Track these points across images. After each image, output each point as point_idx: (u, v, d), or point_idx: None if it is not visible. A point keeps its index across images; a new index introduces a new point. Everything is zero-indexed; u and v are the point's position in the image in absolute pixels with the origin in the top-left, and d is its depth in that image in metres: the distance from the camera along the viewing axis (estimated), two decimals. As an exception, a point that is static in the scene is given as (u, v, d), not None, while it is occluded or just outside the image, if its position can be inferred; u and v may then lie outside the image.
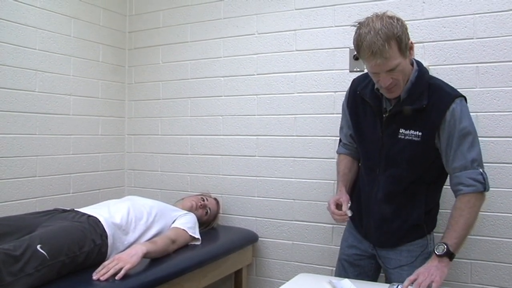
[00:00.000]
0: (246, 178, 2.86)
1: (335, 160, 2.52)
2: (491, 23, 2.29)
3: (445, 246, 1.78)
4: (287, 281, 2.05)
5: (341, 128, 2.25)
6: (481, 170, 1.82)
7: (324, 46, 2.67)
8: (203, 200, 2.76)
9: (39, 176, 2.74)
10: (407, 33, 1.77)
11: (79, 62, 3.00)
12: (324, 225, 2.65)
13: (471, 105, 2.00)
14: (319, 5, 2.68)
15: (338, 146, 2.28)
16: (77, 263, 1.96)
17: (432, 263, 1.80)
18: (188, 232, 2.39)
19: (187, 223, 2.43)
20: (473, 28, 2.33)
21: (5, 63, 2.53)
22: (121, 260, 1.95)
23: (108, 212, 2.25)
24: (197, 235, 2.45)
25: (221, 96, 2.98)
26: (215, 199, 2.88)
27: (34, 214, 2.28)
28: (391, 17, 1.75)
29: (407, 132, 1.86)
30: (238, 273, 2.82)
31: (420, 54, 2.41)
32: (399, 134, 1.88)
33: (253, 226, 2.87)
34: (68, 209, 2.34)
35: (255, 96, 2.87)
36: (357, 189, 2.13)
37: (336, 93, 2.62)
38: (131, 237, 2.26)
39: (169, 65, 3.20)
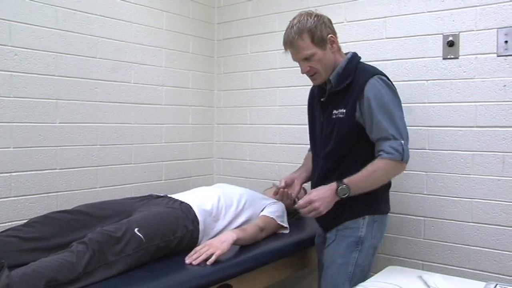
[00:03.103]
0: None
1: (423, 150, 2.55)
2: None
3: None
4: (375, 273, 2.03)
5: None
6: (402, 141, 1.95)
7: (416, 33, 2.57)
8: (291, 189, 2.76)
9: (134, 163, 2.87)
10: (326, 28, 2.01)
11: (170, 53, 3.10)
12: (414, 217, 2.57)
13: None
14: (411, -10, 2.58)
15: None
16: (170, 247, 2.04)
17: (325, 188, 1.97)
18: (277, 220, 2.41)
19: (275, 212, 2.44)
20: None
21: (106, 57, 2.68)
22: (212, 246, 2.00)
23: (199, 199, 2.31)
24: (286, 224, 2.47)
25: (310, 85, 2.95)
26: (303, 188, 2.87)
27: (131, 199, 2.40)
28: (309, 15, 2.02)
29: (337, 111, 2.04)
30: (325, 263, 2.81)
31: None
32: (332, 115, 2.06)
33: (341, 217, 2.84)
34: (162, 195, 2.44)
35: (343, 85, 2.83)
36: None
37: (429, 81, 2.51)
38: (220, 224, 2.31)
39: (258, 55, 3.22)
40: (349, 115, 2.00)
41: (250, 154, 3.28)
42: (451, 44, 2.45)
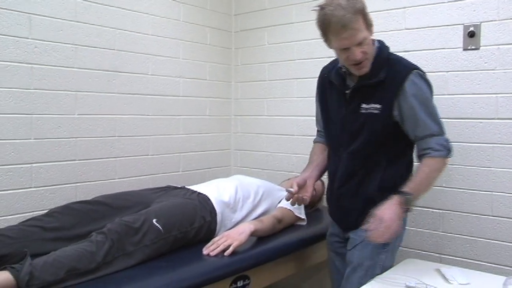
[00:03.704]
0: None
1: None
2: None
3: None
4: (393, 266, 2.02)
5: (316, 117, 2.27)
6: (446, 137, 1.89)
7: (436, 23, 2.53)
8: (308, 181, 2.76)
9: (151, 155, 2.89)
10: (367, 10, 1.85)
11: (188, 45, 3.10)
12: (433, 210, 2.55)
13: None
14: (431, -21, 2.54)
15: (316, 135, 2.30)
16: (188, 238, 2.06)
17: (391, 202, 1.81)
18: (294, 212, 2.41)
19: (293, 203, 2.45)
20: None
21: (123, 48, 2.69)
22: (230, 237, 2.01)
23: (217, 191, 2.33)
24: (303, 216, 2.47)
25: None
26: (321, 180, 2.86)
27: (149, 190, 2.43)
28: None
29: (368, 106, 1.90)
30: (342, 255, 2.81)
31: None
32: (360, 109, 1.92)
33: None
34: (180, 186, 2.46)
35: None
36: (327, 172, 2.16)
37: (449, 73, 2.48)
38: (238, 215, 2.32)
39: (275, 46, 3.21)
40: (385, 112, 1.87)
41: (267, 146, 3.28)
42: (471, 34, 2.41)
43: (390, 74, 1.88)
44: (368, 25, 1.83)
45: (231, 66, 3.44)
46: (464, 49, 2.45)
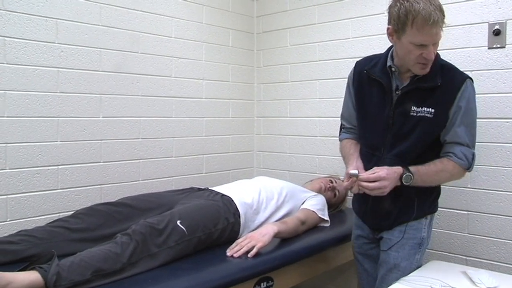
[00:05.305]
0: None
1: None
2: None
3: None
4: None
5: (342, 113, 2.20)
6: (473, 151, 1.89)
7: (460, 22, 2.49)
8: (332, 182, 2.75)
9: (175, 157, 2.91)
10: None
11: (211, 47, 3.12)
12: (457, 211, 2.51)
13: None
14: (455, -23, 2.51)
15: (340, 133, 2.20)
16: (212, 240, 2.07)
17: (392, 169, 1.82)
18: (318, 213, 2.41)
19: (316, 205, 2.44)
20: None
21: (147, 51, 2.72)
22: (254, 238, 2.01)
23: (240, 192, 2.33)
24: (326, 217, 2.46)
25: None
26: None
27: (173, 192, 2.45)
28: None
29: (419, 109, 1.86)
30: (366, 257, 2.79)
31: None
32: (411, 112, 1.87)
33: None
34: (203, 188, 2.47)
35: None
36: None
37: (473, 72, 2.44)
38: (261, 217, 2.32)
39: (297, 47, 3.21)
40: (439, 118, 1.85)
41: (290, 147, 3.28)
42: (497, 33, 2.37)
43: (445, 80, 1.86)
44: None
45: (253, 67, 3.45)
46: (489, 48, 2.41)
